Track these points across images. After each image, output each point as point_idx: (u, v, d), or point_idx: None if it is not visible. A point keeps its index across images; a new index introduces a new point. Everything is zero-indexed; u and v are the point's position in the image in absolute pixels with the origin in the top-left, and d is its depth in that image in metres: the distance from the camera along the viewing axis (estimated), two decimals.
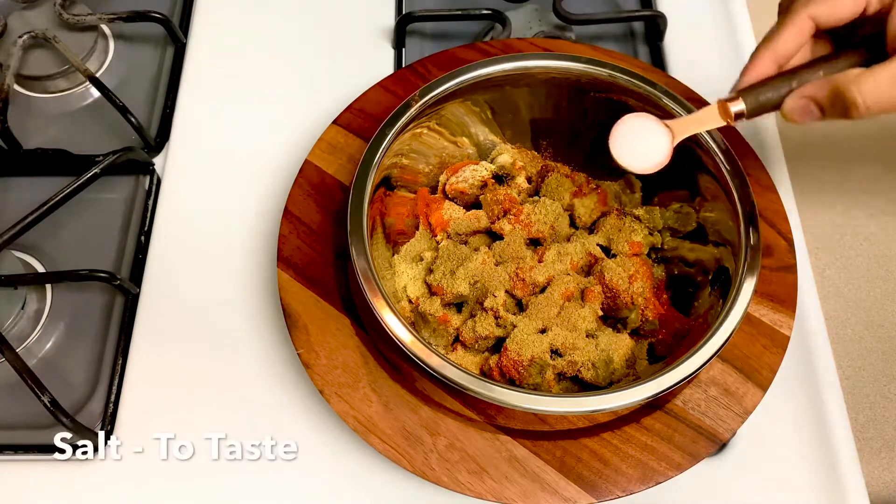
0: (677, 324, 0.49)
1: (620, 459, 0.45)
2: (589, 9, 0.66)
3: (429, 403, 0.46)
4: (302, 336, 0.48)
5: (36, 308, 0.55)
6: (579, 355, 0.47)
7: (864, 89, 0.33)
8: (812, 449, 0.50)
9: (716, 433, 0.45)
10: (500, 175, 0.56)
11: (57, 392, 0.49)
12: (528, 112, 0.54)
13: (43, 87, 0.64)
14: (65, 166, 0.59)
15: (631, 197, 0.54)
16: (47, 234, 0.58)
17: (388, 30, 0.66)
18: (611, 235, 0.52)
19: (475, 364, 0.49)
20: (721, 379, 0.47)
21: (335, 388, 0.46)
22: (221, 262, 0.57)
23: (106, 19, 0.65)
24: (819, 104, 0.35)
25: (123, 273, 0.57)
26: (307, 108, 0.62)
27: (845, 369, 0.56)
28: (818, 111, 0.36)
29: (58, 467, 0.50)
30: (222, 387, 0.52)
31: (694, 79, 0.56)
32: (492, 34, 0.66)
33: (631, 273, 0.49)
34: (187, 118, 0.63)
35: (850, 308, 0.59)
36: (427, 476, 0.44)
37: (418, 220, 0.54)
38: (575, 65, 0.50)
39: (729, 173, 0.46)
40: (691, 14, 0.67)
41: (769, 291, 0.49)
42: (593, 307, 0.49)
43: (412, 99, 0.49)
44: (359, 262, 0.44)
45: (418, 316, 0.50)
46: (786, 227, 0.51)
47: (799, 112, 0.36)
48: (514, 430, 0.46)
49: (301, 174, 0.53)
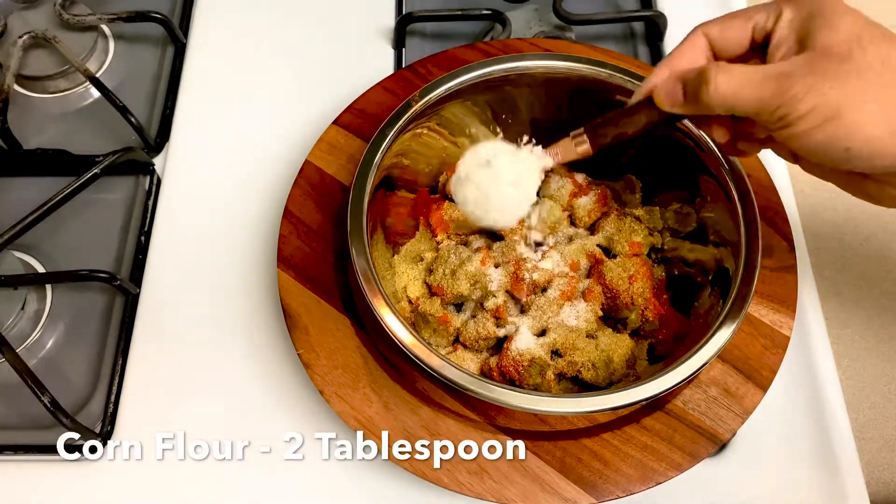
0: (677, 324, 0.49)
1: (620, 460, 0.45)
2: (589, 9, 0.66)
3: (429, 404, 0.46)
4: (302, 336, 0.48)
5: (36, 308, 0.55)
6: (579, 355, 0.47)
7: (721, 72, 0.34)
8: (812, 449, 0.50)
9: (716, 433, 0.45)
10: None
11: (57, 392, 0.49)
12: (528, 112, 0.54)
13: (43, 87, 0.64)
14: (65, 166, 0.59)
15: (631, 197, 0.54)
16: (47, 234, 0.58)
17: (388, 30, 0.66)
18: (611, 235, 0.52)
19: (475, 364, 0.49)
20: (721, 379, 0.47)
21: (335, 388, 0.46)
22: (221, 263, 0.57)
23: (106, 19, 0.65)
24: (684, 86, 0.36)
25: (123, 273, 0.57)
26: (307, 108, 0.62)
27: (845, 369, 0.56)
28: (681, 94, 0.37)
29: (57, 467, 0.50)
30: (222, 387, 0.52)
31: None
32: (492, 34, 0.66)
33: (631, 273, 0.49)
34: (187, 118, 0.63)
35: (850, 308, 0.59)
36: (427, 476, 0.44)
37: (418, 221, 0.54)
38: (575, 65, 0.50)
39: (729, 173, 0.46)
40: (691, 14, 0.67)
41: (769, 291, 0.49)
42: (593, 307, 0.49)
43: (412, 99, 0.49)
44: (359, 262, 0.44)
45: (418, 316, 0.50)
46: (786, 227, 0.51)
47: (665, 93, 0.37)
48: (514, 431, 0.46)
49: (301, 174, 0.53)
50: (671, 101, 0.37)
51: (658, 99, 0.38)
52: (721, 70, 0.34)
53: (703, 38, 0.39)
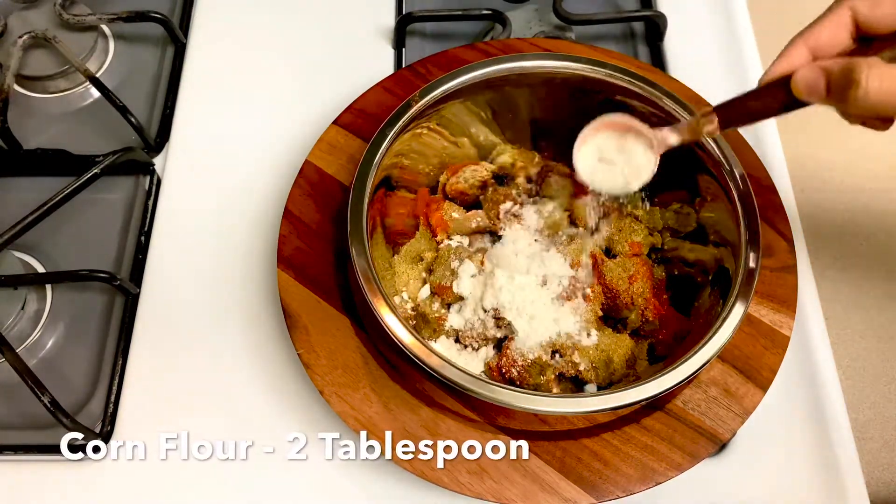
0: (677, 324, 0.49)
1: (620, 460, 0.45)
2: (589, 9, 0.66)
3: (429, 404, 0.46)
4: (302, 336, 0.48)
5: (36, 308, 0.55)
6: (579, 355, 0.47)
7: (874, 73, 0.32)
8: (812, 449, 0.50)
9: (716, 433, 0.45)
10: (500, 175, 0.56)
11: (57, 392, 0.49)
12: (528, 112, 0.54)
13: (43, 87, 0.64)
14: (65, 166, 0.59)
15: (631, 197, 0.54)
16: (47, 234, 0.58)
17: (388, 30, 0.66)
18: (611, 235, 0.52)
19: (476, 364, 0.49)
20: (721, 379, 0.47)
21: (335, 388, 0.46)
22: (221, 263, 0.57)
23: (106, 19, 0.65)
24: (828, 79, 0.34)
25: (123, 273, 0.57)
26: (307, 108, 0.62)
27: (845, 369, 0.56)
28: (824, 88, 0.35)
29: (57, 467, 0.50)
30: (222, 387, 0.52)
31: (694, 79, 0.56)
32: (492, 34, 0.65)
33: (631, 273, 0.49)
34: (187, 118, 0.63)
35: (850, 308, 0.59)
36: (427, 476, 0.44)
37: (418, 221, 0.54)
38: (575, 65, 0.50)
39: (729, 173, 0.46)
40: (691, 14, 0.67)
41: (769, 292, 0.49)
42: (593, 307, 0.49)
43: (412, 99, 0.49)
44: (359, 262, 0.44)
45: (418, 316, 0.50)
46: (786, 227, 0.51)
47: (806, 82, 0.35)
48: (514, 431, 0.46)
49: (301, 174, 0.53)
50: (812, 92, 0.35)
51: (796, 87, 0.36)
52: (873, 73, 0.32)
53: (848, 12, 0.36)
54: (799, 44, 0.37)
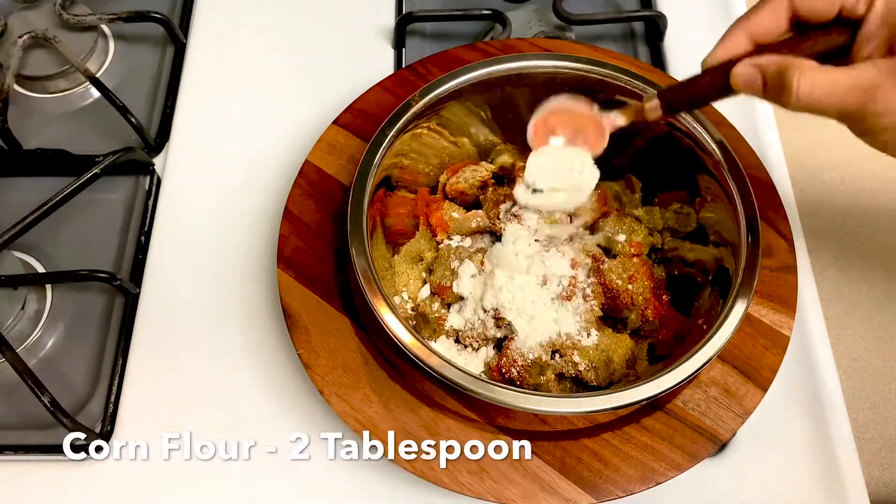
0: (677, 324, 0.49)
1: (620, 460, 0.45)
2: (589, 9, 0.66)
3: (429, 404, 0.46)
4: (302, 336, 0.48)
5: (36, 308, 0.55)
6: (579, 355, 0.47)
7: (805, 79, 0.33)
8: (812, 449, 0.50)
9: (716, 433, 0.45)
10: (500, 175, 0.56)
11: (57, 392, 0.49)
12: (528, 112, 0.54)
13: (43, 87, 0.64)
14: (65, 166, 0.59)
15: (631, 197, 0.54)
16: (47, 234, 0.58)
17: (388, 30, 0.66)
18: (611, 235, 0.52)
19: (476, 364, 0.49)
20: (721, 379, 0.47)
21: (335, 388, 0.46)
22: (221, 263, 0.57)
23: (106, 19, 0.65)
24: (764, 77, 0.35)
25: (123, 273, 0.57)
26: (307, 108, 0.62)
27: (845, 369, 0.56)
28: (761, 85, 0.35)
29: (57, 467, 0.50)
30: (222, 387, 0.52)
31: None
32: (492, 34, 0.66)
33: (631, 273, 0.49)
34: (187, 118, 0.63)
35: (850, 308, 0.59)
36: (427, 476, 0.44)
37: (418, 221, 0.54)
38: (575, 65, 0.50)
39: (729, 173, 0.46)
40: (691, 14, 0.67)
41: (769, 292, 0.49)
42: (593, 307, 0.49)
43: (412, 99, 0.49)
44: (359, 262, 0.44)
45: (418, 316, 0.50)
46: (786, 227, 0.51)
47: (743, 80, 0.36)
48: (514, 431, 0.46)
49: (301, 174, 0.53)
50: (749, 88, 0.36)
51: (735, 82, 0.37)
52: (804, 78, 0.33)
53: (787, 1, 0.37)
54: (739, 30, 0.37)
